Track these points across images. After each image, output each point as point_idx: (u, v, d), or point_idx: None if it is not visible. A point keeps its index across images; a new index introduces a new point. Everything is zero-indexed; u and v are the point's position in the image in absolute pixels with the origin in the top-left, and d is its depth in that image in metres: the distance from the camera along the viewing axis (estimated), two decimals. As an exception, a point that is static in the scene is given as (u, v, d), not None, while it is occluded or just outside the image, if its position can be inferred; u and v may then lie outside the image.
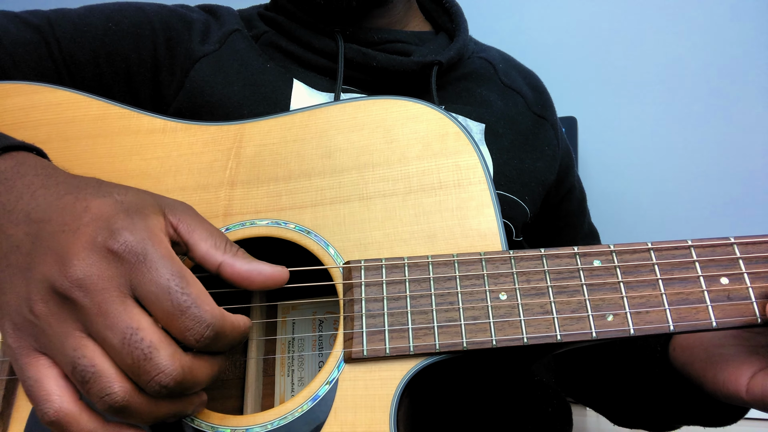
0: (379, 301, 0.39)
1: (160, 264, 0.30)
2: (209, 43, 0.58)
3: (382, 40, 0.60)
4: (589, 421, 0.93)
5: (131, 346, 0.29)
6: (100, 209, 0.32)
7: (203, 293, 0.32)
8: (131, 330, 0.29)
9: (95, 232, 0.31)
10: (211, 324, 0.31)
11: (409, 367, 0.38)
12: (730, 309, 0.38)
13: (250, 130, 0.47)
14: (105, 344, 0.30)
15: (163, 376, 0.30)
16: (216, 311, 0.32)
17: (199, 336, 0.31)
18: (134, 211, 0.32)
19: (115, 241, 0.30)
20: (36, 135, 0.46)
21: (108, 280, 0.30)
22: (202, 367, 0.32)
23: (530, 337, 0.38)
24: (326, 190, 0.44)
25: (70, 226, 0.31)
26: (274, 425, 0.37)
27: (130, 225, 0.31)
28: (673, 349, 0.48)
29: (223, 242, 0.35)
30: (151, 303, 0.30)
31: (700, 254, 0.39)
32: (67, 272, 0.30)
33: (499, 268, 0.40)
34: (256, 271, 0.35)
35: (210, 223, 0.37)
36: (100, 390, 0.29)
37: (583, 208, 0.72)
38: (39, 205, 0.33)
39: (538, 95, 0.67)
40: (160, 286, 0.30)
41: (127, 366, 0.30)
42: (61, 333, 0.30)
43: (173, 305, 0.30)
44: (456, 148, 0.44)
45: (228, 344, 0.33)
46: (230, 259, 0.35)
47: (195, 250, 0.35)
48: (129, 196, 0.34)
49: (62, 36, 0.54)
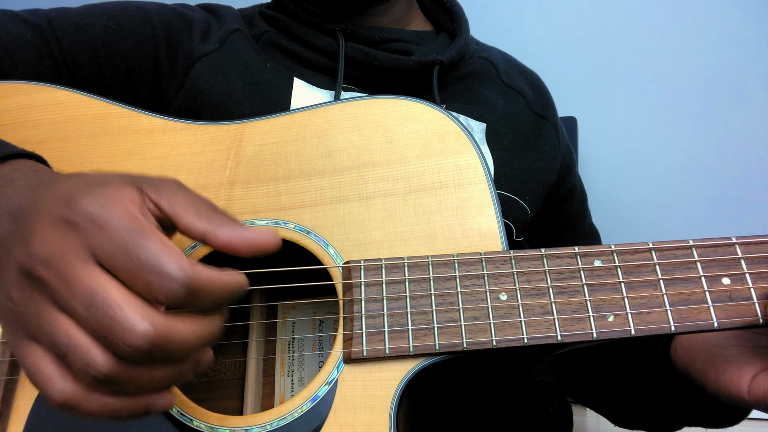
0: (378, 302, 0.39)
1: (118, 223, 0.29)
2: (209, 42, 0.58)
3: (383, 39, 0.60)
4: (589, 421, 0.93)
5: (94, 307, 0.28)
6: (63, 187, 0.31)
7: (167, 246, 0.29)
8: (91, 292, 0.28)
9: (53, 207, 0.30)
10: (179, 277, 0.28)
11: (409, 367, 0.38)
12: (732, 309, 0.38)
13: (250, 129, 0.47)
14: (74, 314, 0.28)
15: (131, 335, 0.27)
16: (184, 263, 0.29)
17: (166, 290, 0.28)
18: (94, 183, 0.31)
19: (70, 211, 0.29)
20: (35, 134, 0.46)
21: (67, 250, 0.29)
22: (182, 324, 0.29)
23: (530, 337, 0.37)
24: (326, 190, 0.44)
25: (37, 210, 0.31)
26: (274, 426, 0.37)
27: (88, 193, 0.30)
28: (675, 350, 0.48)
29: (205, 209, 0.33)
30: (112, 266, 0.29)
31: (702, 254, 0.39)
32: (29, 250, 0.29)
33: (499, 268, 0.39)
34: (240, 237, 0.32)
35: (195, 193, 0.34)
36: (80, 362, 0.28)
37: (584, 208, 0.72)
38: (21, 202, 0.33)
39: (539, 95, 0.67)
40: (117, 244, 0.28)
41: (95, 331, 0.28)
42: (35, 312, 0.29)
43: (132, 262, 0.28)
44: (456, 147, 0.44)
45: (213, 300, 0.30)
46: (213, 226, 0.32)
47: (178, 221, 0.32)
48: (98, 174, 0.32)
49: (62, 35, 0.54)
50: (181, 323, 0.30)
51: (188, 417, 0.38)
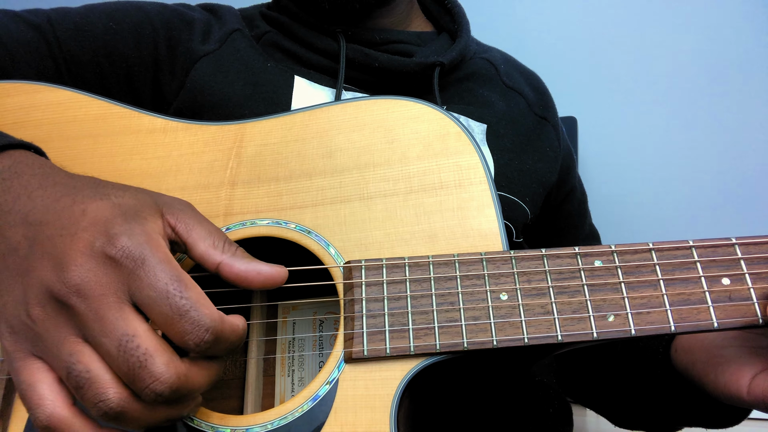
0: (379, 301, 0.39)
1: (159, 269, 0.30)
2: (210, 42, 0.58)
3: (384, 41, 0.60)
4: (589, 421, 0.93)
5: (127, 352, 0.29)
6: (98, 213, 0.31)
7: (202, 297, 0.31)
8: (127, 337, 0.29)
9: (93, 237, 0.30)
10: (211, 327, 0.31)
11: (410, 367, 0.38)
12: (732, 310, 0.38)
13: (251, 129, 0.47)
14: (101, 350, 0.30)
15: (158, 383, 0.29)
16: (215, 315, 0.31)
17: (199, 340, 0.30)
18: (132, 214, 0.32)
19: (112, 247, 0.30)
20: (37, 134, 0.46)
21: (105, 286, 0.30)
22: (198, 373, 0.32)
23: (531, 337, 0.38)
24: (327, 190, 0.44)
25: (68, 230, 0.31)
26: (274, 425, 0.37)
27: (128, 230, 0.31)
28: (675, 350, 0.48)
29: (221, 241, 0.35)
30: (149, 308, 0.30)
31: (702, 254, 0.39)
32: (65, 278, 0.30)
33: (499, 268, 0.39)
34: (255, 271, 0.35)
35: (209, 222, 0.36)
36: (95, 396, 0.29)
37: (584, 209, 0.72)
38: (36, 206, 0.32)
39: (539, 96, 0.67)
40: (159, 290, 0.30)
41: (123, 373, 0.30)
42: (57, 338, 0.30)
43: (172, 309, 0.30)
44: (457, 148, 0.44)
45: (226, 348, 0.33)
46: (229, 258, 0.35)
47: (194, 249, 0.35)
48: (126, 197, 0.33)
49: (63, 35, 0.54)
50: (198, 372, 0.32)
51: (189, 416, 0.38)
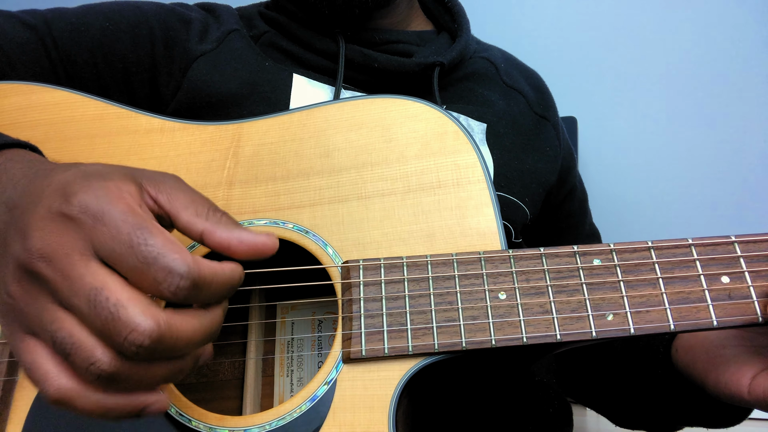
0: (377, 301, 0.39)
1: (120, 219, 0.28)
2: (207, 42, 0.58)
3: (384, 41, 0.60)
4: (589, 421, 0.93)
5: (97, 307, 0.27)
6: (60, 179, 0.30)
7: (170, 242, 0.29)
8: (95, 290, 0.28)
9: (51, 201, 0.29)
10: (184, 272, 0.28)
11: (408, 367, 0.38)
12: (731, 308, 0.38)
13: (249, 129, 0.46)
14: (76, 312, 0.28)
15: (136, 334, 0.27)
16: (188, 258, 0.29)
17: (174, 287, 0.28)
18: (93, 175, 0.30)
19: (68, 205, 0.29)
20: (34, 135, 0.46)
21: (67, 246, 0.28)
22: (184, 321, 0.29)
23: (530, 336, 0.37)
24: (325, 190, 0.43)
25: (34, 202, 0.30)
26: (273, 426, 0.37)
27: (86, 186, 0.29)
28: (676, 350, 0.48)
29: (205, 209, 0.32)
30: (116, 262, 0.28)
31: (701, 253, 0.39)
32: (27, 246, 0.29)
33: (498, 267, 0.39)
34: (237, 239, 0.32)
35: (194, 190, 0.34)
36: (83, 360, 0.28)
37: (585, 208, 0.72)
38: (17, 193, 0.32)
39: (539, 95, 0.67)
40: (122, 241, 0.28)
41: (98, 330, 0.28)
42: (36, 309, 0.29)
43: (138, 259, 0.28)
44: (455, 147, 0.44)
45: (215, 294, 0.30)
46: (211, 226, 0.32)
47: (177, 219, 0.32)
48: (97, 165, 0.32)
49: (59, 36, 0.54)
50: (183, 319, 0.29)
51: (187, 417, 0.38)
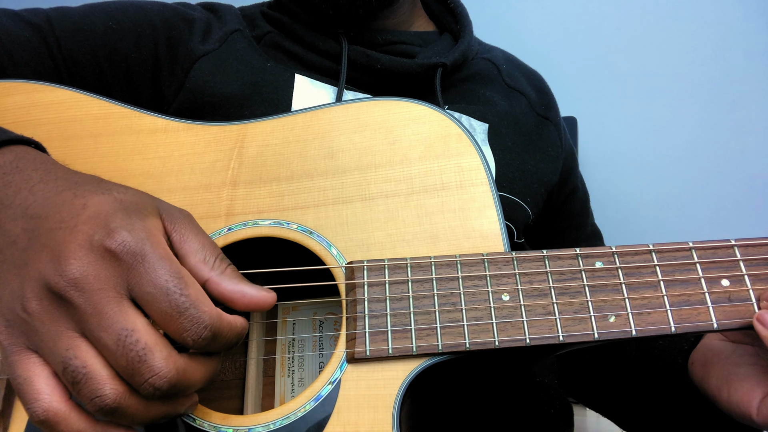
0: (381, 302, 0.39)
1: (159, 265, 0.30)
2: (209, 42, 0.58)
3: (386, 42, 0.60)
4: (589, 421, 0.94)
5: (126, 347, 0.29)
6: (98, 207, 0.31)
7: (201, 294, 0.31)
8: (126, 331, 0.29)
9: (92, 231, 0.30)
10: (209, 325, 0.31)
11: (412, 367, 0.38)
12: (731, 311, 0.38)
13: (253, 130, 0.47)
14: (99, 345, 0.29)
15: (156, 378, 0.29)
16: (213, 312, 0.31)
17: (197, 336, 0.30)
18: (133, 210, 0.32)
19: (112, 241, 0.30)
20: (37, 134, 0.46)
21: (104, 281, 0.29)
22: (196, 368, 0.32)
23: (533, 337, 0.38)
24: (329, 191, 0.44)
25: (68, 223, 0.31)
26: (277, 425, 0.38)
27: (128, 224, 0.31)
28: (692, 363, 0.48)
29: (213, 257, 0.34)
30: (148, 304, 0.30)
31: (701, 256, 0.40)
32: (63, 271, 0.29)
33: (501, 269, 0.40)
34: (240, 293, 0.34)
35: (205, 235, 0.36)
36: (91, 391, 0.29)
37: (586, 209, 0.72)
38: (37, 200, 0.32)
39: (541, 96, 0.67)
40: (159, 286, 0.30)
41: (121, 368, 0.29)
42: (53, 332, 0.30)
43: (171, 306, 0.30)
44: (458, 149, 0.44)
45: (225, 345, 0.33)
46: (217, 276, 0.34)
47: (184, 261, 0.34)
48: (128, 195, 0.33)
49: (62, 35, 0.54)
50: (195, 367, 0.32)
51: (191, 416, 0.38)
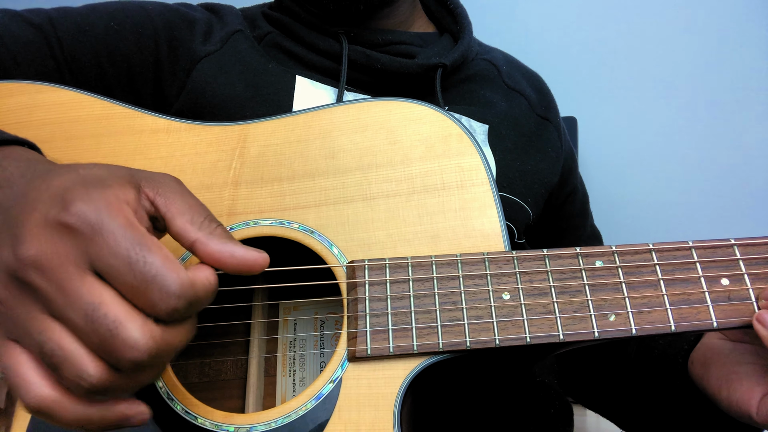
0: (382, 301, 0.39)
1: (119, 233, 0.28)
2: (211, 42, 0.58)
3: (386, 42, 0.60)
4: (589, 421, 0.94)
5: (95, 322, 0.27)
6: (59, 184, 0.29)
7: (168, 260, 0.28)
8: (92, 306, 0.27)
9: (48, 207, 0.28)
10: (181, 294, 0.28)
11: (413, 366, 0.38)
12: (731, 310, 0.39)
13: (254, 130, 0.47)
14: (69, 324, 0.28)
15: (134, 351, 0.27)
16: (184, 277, 0.28)
17: (170, 308, 0.28)
18: (92, 182, 0.29)
19: (66, 213, 0.28)
20: (39, 134, 0.46)
21: (63, 256, 0.27)
22: (175, 333, 0.30)
23: (533, 336, 0.38)
24: (330, 191, 0.44)
25: (30, 205, 0.29)
26: (278, 423, 0.38)
27: (85, 195, 0.28)
28: (692, 362, 0.48)
29: (201, 217, 0.32)
30: (112, 277, 0.28)
31: (701, 255, 0.40)
32: (20, 253, 0.28)
33: (502, 268, 0.40)
34: (228, 253, 0.31)
35: (193, 196, 0.33)
36: (73, 374, 0.27)
37: (586, 210, 0.72)
38: (13, 192, 0.31)
39: (541, 97, 0.67)
40: (120, 256, 0.27)
41: (95, 345, 0.27)
42: (23, 317, 0.28)
43: (136, 277, 0.27)
44: (459, 149, 0.45)
45: (200, 308, 0.31)
46: (204, 237, 0.31)
47: (171, 225, 0.31)
48: (95, 169, 0.31)
49: (64, 35, 0.54)
50: (173, 333, 0.29)
51: (193, 414, 0.38)
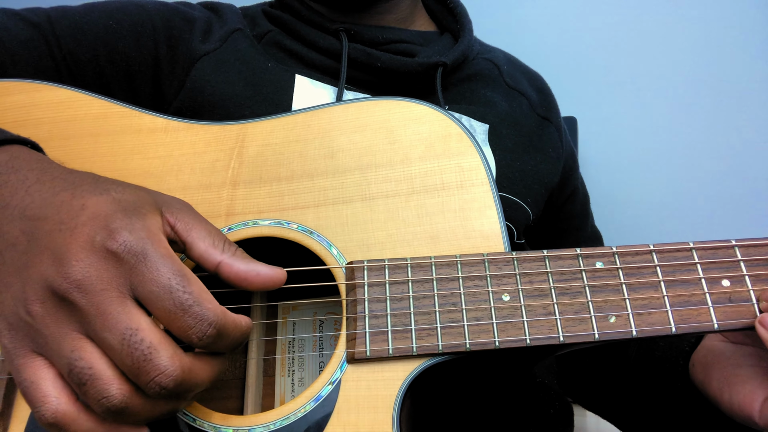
0: (382, 302, 0.39)
1: (161, 263, 0.30)
2: (210, 41, 0.58)
3: (387, 40, 0.60)
4: (589, 422, 0.94)
5: (131, 347, 0.29)
6: (98, 207, 0.31)
7: (204, 291, 0.31)
8: (130, 330, 0.29)
9: (93, 232, 0.30)
10: (214, 322, 0.31)
11: (412, 367, 0.38)
12: (731, 311, 0.38)
13: (253, 129, 0.47)
14: (104, 345, 0.30)
15: (163, 377, 0.29)
16: (218, 309, 0.31)
17: (202, 334, 0.31)
18: (132, 210, 0.32)
19: (113, 242, 0.30)
20: (37, 133, 0.46)
21: (107, 281, 0.30)
22: (202, 367, 0.32)
23: (533, 338, 0.38)
24: (329, 191, 0.44)
25: (68, 224, 0.31)
26: (277, 425, 0.38)
27: (129, 224, 0.31)
28: (693, 365, 0.48)
29: (221, 241, 0.35)
30: (151, 303, 0.30)
31: (702, 256, 0.40)
32: (65, 273, 0.30)
33: (501, 269, 0.40)
34: (254, 272, 0.35)
35: (208, 222, 0.36)
36: (98, 392, 0.29)
37: (587, 210, 0.72)
38: (34, 201, 0.32)
39: (542, 97, 0.67)
40: (161, 285, 0.30)
41: (127, 367, 0.29)
42: (57, 334, 0.30)
43: (175, 304, 0.30)
44: (459, 149, 0.44)
45: (230, 344, 0.33)
46: (229, 258, 0.35)
47: (193, 248, 0.34)
48: (126, 194, 0.33)
49: (62, 34, 0.54)
50: (202, 366, 0.32)
51: (191, 416, 0.38)
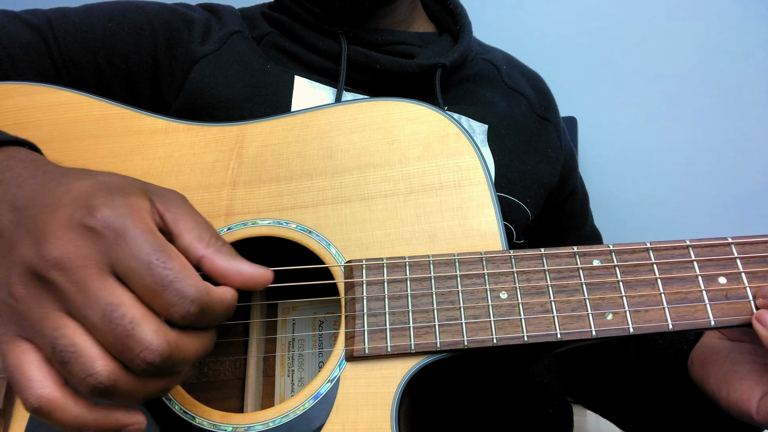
0: (380, 300, 0.39)
1: (140, 239, 0.29)
2: (209, 43, 0.58)
3: (386, 42, 0.60)
4: (589, 421, 0.94)
5: (112, 322, 0.28)
6: (81, 189, 0.30)
7: (186, 267, 0.30)
8: (111, 306, 0.28)
9: (72, 210, 0.30)
10: (196, 299, 0.29)
11: (411, 365, 0.38)
12: (728, 308, 0.39)
13: (252, 130, 0.47)
14: (86, 323, 0.29)
15: (148, 352, 0.28)
16: (200, 285, 0.30)
17: (184, 312, 0.29)
18: (115, 189, 0.31)
19: (92, 218, 0.29)
20: (37, 135, 0.46)
21: (85, 258, 0.29)
22: (189, 341, 0.31)
23: (530, 335, 0.38)
24: (328, 190, 0.44)
25: (50, 207, 0.30)
26: (276, 423, 0.38)
27: (109, 200, 0.30)
28: (691, 362, 0.48)
29: (208, 235, 0.33)
30: (131, 279, 0.29)
31: (699, 254, 0.40)
32: (43, 252, 0.29)
33: (499, 267, 0.40)
34: (235, 270, 0.33)
35: (199, 214, 0.35)
36: (82, 370, 0.28)
37: (586, 210, 0.72)
38: (24, 193, 0.32)
39: (541, 97, 0.67)
40: (140, 260, 0.29)
41: (110, 344, 0.28)
42: (39, 314, 0.29)
43: (155, 280, 0.29)
44: (456, 149, 0.45)
45: (215, 319, 0.32)
46: (212, 253, 0.33)
47: (178, 240, 0.33)
48: (113, 177, 0.32)
49: (62, 36, 0.54)
50: (188, 340, 0.31)
51: (191, 414, 0.38)
